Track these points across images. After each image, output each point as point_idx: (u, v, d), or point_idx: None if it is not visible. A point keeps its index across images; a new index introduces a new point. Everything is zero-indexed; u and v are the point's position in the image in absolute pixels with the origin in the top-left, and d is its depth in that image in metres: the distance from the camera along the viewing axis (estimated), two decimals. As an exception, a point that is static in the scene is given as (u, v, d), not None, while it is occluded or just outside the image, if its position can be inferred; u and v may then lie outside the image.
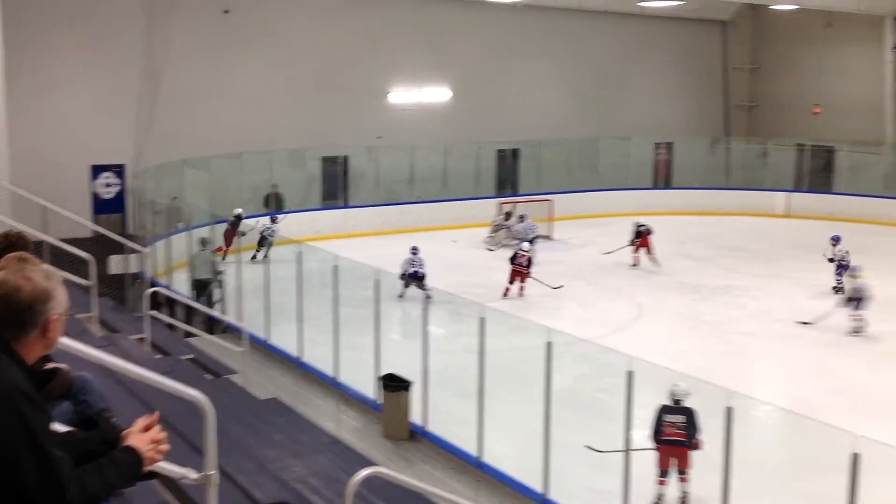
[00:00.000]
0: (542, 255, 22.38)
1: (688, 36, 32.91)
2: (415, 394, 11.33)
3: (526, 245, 19.28)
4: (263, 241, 20.96)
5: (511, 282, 18.69)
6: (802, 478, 10.63)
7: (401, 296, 17.96)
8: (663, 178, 31.40)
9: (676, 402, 9.87)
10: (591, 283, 20.01)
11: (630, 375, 8.83)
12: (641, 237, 21.62)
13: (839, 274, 18.80)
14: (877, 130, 29.98)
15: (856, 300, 16.25)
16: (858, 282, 16.41)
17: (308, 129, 25.66)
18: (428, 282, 17.48)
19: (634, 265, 21.47)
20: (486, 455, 10.45)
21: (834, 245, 19.31)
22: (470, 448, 10.58)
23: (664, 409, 9.86)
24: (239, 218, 20.47)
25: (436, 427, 11.21)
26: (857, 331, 16.16)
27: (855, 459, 6.89)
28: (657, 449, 9.84)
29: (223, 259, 18.78)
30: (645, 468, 9.72)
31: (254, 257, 20.44)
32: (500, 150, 28.75)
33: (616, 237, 23.34)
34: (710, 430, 9.33)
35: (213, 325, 15.32)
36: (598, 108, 30.98)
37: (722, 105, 34.27)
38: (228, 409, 8.49)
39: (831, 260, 19.15)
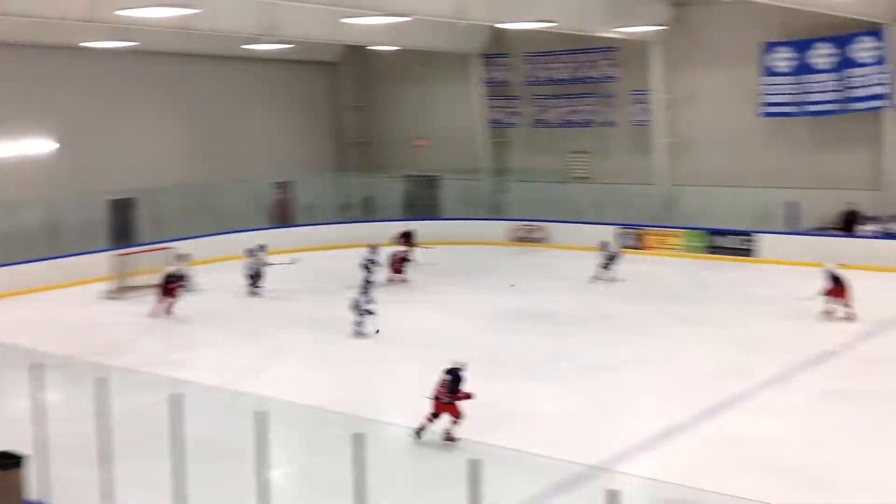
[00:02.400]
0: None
1: (298, 77, 33.72)
2: (31, 469, 10.36)
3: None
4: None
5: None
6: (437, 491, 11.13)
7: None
8: (285, 217, 31.77)
9: (453, 369, 12.52)
10: (224, 327, 19.64)
11: (262, 416, 8.72)
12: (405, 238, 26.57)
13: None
14: (474, 159, 32.70)
15: None
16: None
17: None
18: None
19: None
20: (118, 522, 9.82)
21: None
22: (100, 517, 9.89)
23: (443, 372, 12.58)
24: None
25: (59, 502, 10.34)
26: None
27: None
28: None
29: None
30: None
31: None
32: (112, 200, 27.42)
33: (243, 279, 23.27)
34: (338, 456, 9.41)
35: None
36: (217, 151, 30.77)
37: (335, 143, 35.45)
38: None
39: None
